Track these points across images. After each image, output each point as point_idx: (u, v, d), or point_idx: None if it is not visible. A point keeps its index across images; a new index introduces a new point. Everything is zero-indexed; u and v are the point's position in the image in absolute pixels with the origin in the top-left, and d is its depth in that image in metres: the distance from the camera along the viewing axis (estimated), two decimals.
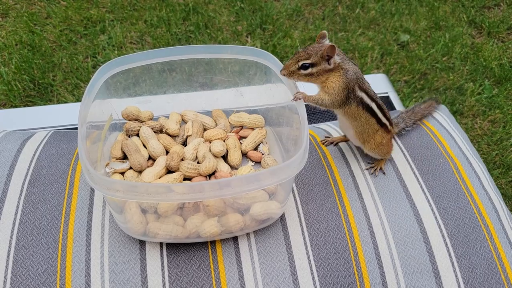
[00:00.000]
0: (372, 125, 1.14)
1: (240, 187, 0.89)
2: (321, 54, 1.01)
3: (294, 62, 1.03)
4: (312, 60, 1.02)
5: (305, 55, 1.02)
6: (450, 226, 1.10)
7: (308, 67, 1.03)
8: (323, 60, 1.02)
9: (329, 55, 1.01)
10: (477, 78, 3.05)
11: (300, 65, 1.03)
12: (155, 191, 0.88)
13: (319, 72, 1.03)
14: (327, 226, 1.09)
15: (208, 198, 0.90)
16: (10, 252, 1.01)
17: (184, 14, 3.37)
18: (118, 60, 1.14)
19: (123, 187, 0.88)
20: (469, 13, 3.55)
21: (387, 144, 1.19)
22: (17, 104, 2.69)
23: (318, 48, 1.02)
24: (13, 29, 3.16)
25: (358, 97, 1.08)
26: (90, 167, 0.89)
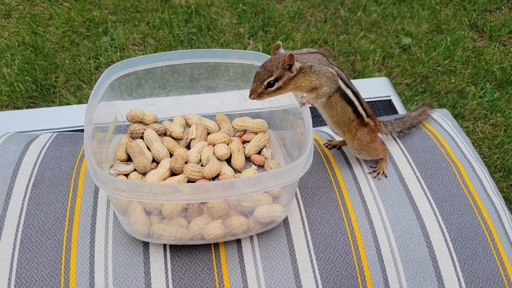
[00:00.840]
0: (348, 114, 1.13)
1: (244, 188, 0.90)
2: (282, 66, 1.01)
3: (259, 84, 1.03)
4: (275, 75, 1.02)
5: (267, 72, 1.02)
6: (453, 230, 1.10)
7: (274, 83, 1.03)
8: (285, 70, 1.02)
9: (290, 64, 1.01)
10: (478, 81, 3.05)
11: (266, 84, 1.03)
12: (160, 191, 0.88)
13: (285, 83, 1.03)
14: (330, 229, 1.09)
15: (213, 198, 0.90)
16: (15, 254, 1.02)
17: (186, 16, 3.38)
18: (124, 63, 1.15)
19: (128, 186, 0.88)
20: (470, 17, 3.55)
21: (364, 137, 1.17)
22: (19, 105, 2.70)
23: (276, 61, 1.02)
24: (16, 30, 3.17)
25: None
26: (97, 167, 0.89)
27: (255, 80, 1.03)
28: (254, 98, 1.05)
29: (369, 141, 1.18)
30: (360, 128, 1.16)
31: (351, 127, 1.15)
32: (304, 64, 1.04)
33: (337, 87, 1.08)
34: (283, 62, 1.00)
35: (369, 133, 1.18)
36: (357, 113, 1.14)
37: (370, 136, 1.18)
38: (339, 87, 1.09)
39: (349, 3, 3.62)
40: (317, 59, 1.06)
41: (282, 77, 1.02)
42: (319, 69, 1.05)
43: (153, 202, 0.97)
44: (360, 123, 1.16)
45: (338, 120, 1.14)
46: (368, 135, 1.18)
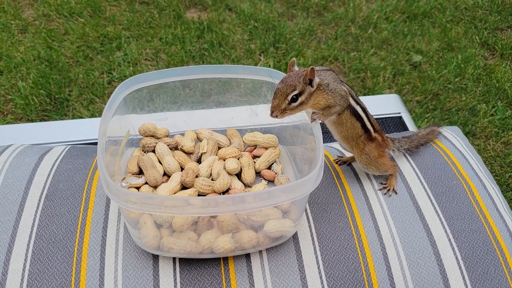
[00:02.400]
0: (356, 130, 1.14)
1: (254, 203, 0.90)
2: (304, 80, 1.00)
3: (283, 99, 1.01)
4: (298, 89, 1.01)
5: (290, 87, 1.00)
6: (464, 248, 1.09)
7: (297, 98, 1.02)
8: (306, 84, 1.01)
9: (311, 78, 1.01)
10: (490, 99, 3.04)
11: (290, 99, 1.01)
12: (171, 204, 0.89)
13: (307, 98, 1.03)
14: (340, 246, 1.09)
15: (224, 212, 0.91)
16: (26, 265, 1.03)
17: (198, 32, 3.43)
18: (137, 77, 1.17)
19: (140, 199, 0.89)
20: (481, 35, 3.56)
21: (371, 152, 1.17)
22: (33, 118, 2.74)
23: (298, 76, 1.01)
24: (32, 45, 3.23)
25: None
26: (109, 179, 0.90)
27: (277, 96, 1.01)
28: (277, 115, 1.02)
29: (377, 156, 1.18)
30: (367, 143, 1.17)
31: (359, 141, 1.16)
32: (322, 81, 1.04)
33: (348, 105, 1.09)
34: (305, 76, 1.00)
35: (377, 148, 1.18)
36: (365, 128, 1.15)
37: (378, 151, 1.19)
38: (349, 105, 1.10)
39: (359, 20, 3.65)
40: (331, 77, 1.07)
41: (304, 92, 1.01)
42: (334, 87, 1.06)
43: (164, 215, 0.98)
44: (368, 137, 1.16)
45: (346, 135, 1.15)
46: (375, 149, 1.18)
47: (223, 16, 3.62)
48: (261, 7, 3.73)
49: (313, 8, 3.78)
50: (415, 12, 3.75)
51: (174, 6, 3.66)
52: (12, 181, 1.18)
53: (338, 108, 1.08)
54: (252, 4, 3.76)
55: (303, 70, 1.02)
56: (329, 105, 1.06)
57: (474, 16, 3.79)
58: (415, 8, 3.78)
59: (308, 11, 3.76)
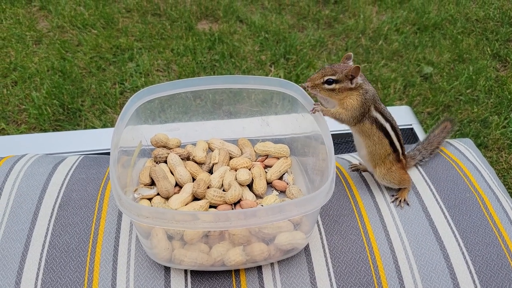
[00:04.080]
0: (384, 147, 1.15)
1: (266, 217, 0.90)
2: (346, 73, 1.06)
3: (320, 76, 1.08)
4: (337, 76, 1.07)
5: (331, 71, 1.07)
6: (478, 262, 1.08)
7: (332, 82, 1.07)
8: (347, 79, 1.07)
9: (353, 75, 1.06)
10: (502, 111, 3.02)
11: (325, 80, 1.07)
12: (182, 218, 0.89)
13: (340, 89, 1.08)
14: (351, 258, 1.08)
15: (234, 227, 0.91)
16: (39, 274, 1.03)
17: (209, 44, 3.46)
18: (150, 88, 1.18)
19: (151, 213, 0.90)
20: (493, 47, 3.54)
21: (397, 171, 1.19)
22: (46, 128, 2.77)
23: (343, 67, 1.07)
24: (46, 56, 3.29)
25: (373, 117, 1.11)
26: (121, 193, 0.91)
27: (319, 72, 1.08)
28: (309, 86, 1.10)
29: (401, 174, 1.20)
30: (395, 164, 1.18)
31: (387, 161, 1.17)
32: (363, 84, 1.08)
33: (372, 118, 1.11)
34: (349, 70, 1.05)
35: (402, 168, 1.21)
36: (394, 147, 1.16)
37: (403, 171, 1.21)
38: (375, 119, 1.11)
39: (370, 32, 3.66)
40: (372, 91, 1.10)
41: (341, 82, 1.07)
42: (366, 97, 1.09)
43: (177, 228, 0.98)
44: (396, 158, 1.18)
45: (373, 151, 1.16)
46: (401, 170, 1.20)
47: (234, 27, 3.65)
48: (272, 19, 3.75)
49: (323, 19, 3.80)
50: (426, 24, 3.75)
51: (186, 18, 3.70)
52: (27, 190, 1.20)
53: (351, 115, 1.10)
54: (263, 16, 3.78)
55: (352, 65, 1.07)
56: (349, 108, 1.09)
57: (485, 28, 3.78)
58: (426, 20, 3.78)
59: (319, 22, 3.78)
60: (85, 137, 1.92)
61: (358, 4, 3.95)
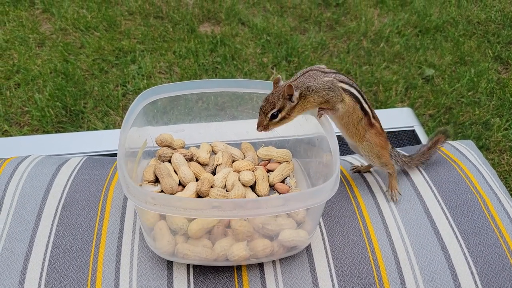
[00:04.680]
0: (357, 112, 1.14)
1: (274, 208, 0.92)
2: (283, 96, 1.07)
3: (264, 116, 1.09)
4: (278, 106, 1.07)
5: (270, 105, 1.08)
6: (480, 263, 1.08)
7: (277, 114, 1.08)
8: (286, 100, 1.07)
9: (289, 94, 1.06)
10: (503, 113, 3.02)
11: (270, 116, 1.08)
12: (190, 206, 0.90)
13: (288, 112, 1.09)
14: (353, 259, 1.08)
15: (250, 215, 0.93)
16: (43, 274, 1.04)
17: (211, 46, 3.47)
18: (156, 89, 1.19)
19: (158, 200, 0.91)
20: (494, 49, 3.55)
21: (371, 138, 1.18)
22: (49, 130, 2.79)
23: (277, 94, 1.07)
24: (49, 58, 3.30)
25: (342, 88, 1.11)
26: (129, 180, 0.92)
27: (260, 113, 1.09)
28: (261, 130, 1.11)
29: (377, 143, 1.19)
30: (368, 129, 1.17)
31: (359, 127, 1.16)
32: (301, 89, 1.08)
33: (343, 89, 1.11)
34: (283, 93, 1.06)
35: (377, 135, 1.19)
36: (364, 110, 1.15)
37: (379, 138, 1.19)
38: (344, 89, 1.11)
39: (371, 34, 3.67)
40: (311, 77, 1.09)
41: (285, 107, 1.08)
42: (316, 86, 1.08)
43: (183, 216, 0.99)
44: (368, 122, 1.17)
45: (347, 122, 1.15)
46: (376, 137, 1.18)
47: (236, 30, 3.66)
48: (274, 21, 3.77)
49: (325, 22, 3.82)
50: (427, 26, 3.76)
51: (188, 21, 3.72)
52: (30, 191, 1.20)
53: (333, 98, 1.10)
54: (265, 19, 3.80)
55: (283, 86, 1.07)
56: (320, 102, 1.10)
57: (487, 30, 3.78)
58: (427, 22, 3.79)
59: (320, 25, 3.79)
60: (87, 139, 1.93)
61: (359, 6, 3.96)
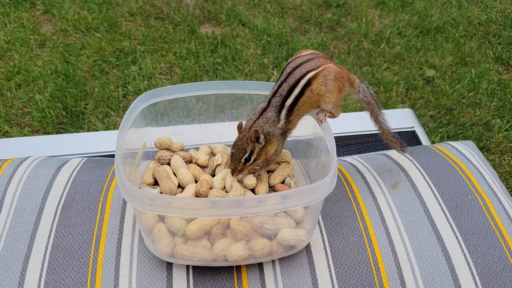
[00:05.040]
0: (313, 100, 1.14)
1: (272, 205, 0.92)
2: (251, 140, 1.10)
3: (238, 162, 1.12)
4: (249, 150, 1.11)
5: (241, 151, 1.11)
6: (480, 264, 1.08)
7: (250, 157, 1.12)
8: (254, 143, 1.11)
9: (256, 137, 1.10)
10: (504, 114, 3.02)
11: (244, 161, 1.12)
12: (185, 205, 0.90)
13: (258, 153, 1.12)
14: (353, 259, 1.08)
15: (248, 213, 0.93)
16: (42, 275, 1.04)
17: (212, 47, 3.47)
18: (155, 91, 1.20)
19: (155, 200, 0.91)
20: (495, 50, 3.55)
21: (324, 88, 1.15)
22: (49, 130, 2.79)
23: (245, 139, 1.11)
24: (49, 59, 3.31)
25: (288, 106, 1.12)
26: (126, 181, 0.92)
27: (233, 160, 1.13)
28: (238, 175, 1.14)
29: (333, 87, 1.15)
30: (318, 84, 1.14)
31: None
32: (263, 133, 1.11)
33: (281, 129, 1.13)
34: (251, 137, 1.09)
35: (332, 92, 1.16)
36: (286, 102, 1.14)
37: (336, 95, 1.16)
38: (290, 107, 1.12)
39: (372, 35, 3.67)
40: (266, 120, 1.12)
41: (255, 150, 1.12)
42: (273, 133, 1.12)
43: (181, 216, 1.00)
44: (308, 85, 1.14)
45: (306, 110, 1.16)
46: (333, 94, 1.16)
47: (236, 31, 3.66)
48: (274, 22, 3.77)
49: (326, 23, 3.82)
50: (428, 27, 3.76)
51: (189, 22, 3.72)
52: (30, 192, 1.20)
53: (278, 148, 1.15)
54: (265, 20, 3.80)
55: (248, 130, 1.11)
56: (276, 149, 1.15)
57: (487, 31, 3.78)
58: (428, 23, 3.79)
59: (321, 26, 3.79)
60: (88, 140, 1.93)
61: (360, 7, 3.96)
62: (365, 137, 1.85)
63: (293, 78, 1.13)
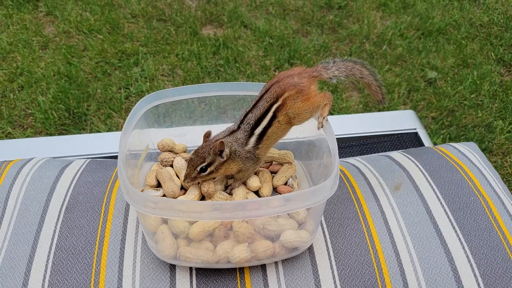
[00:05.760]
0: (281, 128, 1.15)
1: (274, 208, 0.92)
2: (214, 152, 1.07)
3: (193, 169, 1.08)
4: (207, 161, 1.08)
5: (200, 159, 1.08)
6: (483, 265, 1.08)
7: (206, 168, 1.08)
8: (216, 156, 1.08)
9: (220, 150, 1.07)
10: (506, 116, 3.02)
11: (199, 170, 1.08)
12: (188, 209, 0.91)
13: (217, 167, 1.09)
14: (356, 260, 1.08)
15: (250, 216, 0.93)
16: (46, 276, 1.04)
17: (214, 49, 3.48)
18: (158, 93, 1.20)
19: (158, 203, 0.91)
20: (497, 51, 3.55)
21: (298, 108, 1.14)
22: (52, 132, 2.80)
23: (208, 148, 1.08)
24: (52, 61, 3.31)
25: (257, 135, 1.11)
26: (129, 184, 0.93)
27: (189, 165, 1.09)
28: (188, 182, 1.10)
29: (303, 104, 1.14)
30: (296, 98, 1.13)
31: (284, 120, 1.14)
32: (230, 149, 1.09)
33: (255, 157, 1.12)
34: (215, 148, 1.06)
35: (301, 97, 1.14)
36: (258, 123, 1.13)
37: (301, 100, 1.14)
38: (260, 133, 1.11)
39: (374, 37, 3.67)
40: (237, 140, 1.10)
41: (214, 162, 1.08)
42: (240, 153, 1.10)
43: (181, 221, 1.00)
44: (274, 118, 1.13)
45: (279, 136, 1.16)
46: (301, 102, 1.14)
47: (238, 33, 3.67)
48: (276, 24, 3.78)
49: (327, 25, 3.82)
50: (430, 29, 3.76)
51: (191, 23, 3.73)
52: (34, 193, 1.21)
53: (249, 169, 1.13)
54: (267, 21, 3.81)
55: (214, 141, 1.08)
56: (240, 169, 1.12)
57: (489, 33, 3.78)
58: (430, 25, 3.79)
59: (323, 28, 3.79)
60: (91, 141, 1.93)
61: (362, 9, 3.97)
62: (368, 139, 1.85)
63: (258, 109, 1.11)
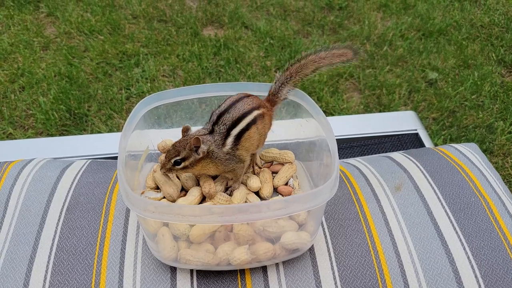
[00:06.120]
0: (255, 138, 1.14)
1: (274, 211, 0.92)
2: (189, 147, 1.06)
3: (168, 160, 1.08)
4: (182, 155, 1.07)
5: (175, 152, 1.07)
6: (484, 266, 1.08)
7: (181, 162, 1.08)
8: (192, 151, 1.07)
9: (196, 146, 1.06)
10: (507, 116, 3.02)
11: (173, 162, 1.08)
12: (188, 213, 0.91)
13: (192, 163, 1.08)
14: (356, 261, 1.08)
15: (250, 220, 0.92)
16: (47, 276, 1.04)
17: (215, 49, 3.48)
18: (158, 94, 1.20)
19: (157, 208, 0.91)
20: (498, 52, 3.55)
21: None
22: (53, 132, 2.80)
23: (184, 143, 1.07)
24: (53, 61, 3.32)
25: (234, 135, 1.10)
26: (128, 189, 0.92)
27: (166, 156, 1.09)
28: (165, 172, 1.10)
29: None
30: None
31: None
32: (208, 148, 1.08)
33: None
34: (190, 144, 1.05)
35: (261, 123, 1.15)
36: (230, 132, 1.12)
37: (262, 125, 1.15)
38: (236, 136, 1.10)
39: (375, 38, 3.67)
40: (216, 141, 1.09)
41: (189, 158, 1.07)
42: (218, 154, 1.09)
43: (182, 223, 1.00)
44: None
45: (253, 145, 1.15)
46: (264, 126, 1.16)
47: (239, 33, 3.67)
48: (277, 25, 3.78)
49: (328, 25, 3.82)
50: (431, 30, 3.76)
51: (192, 24, 3.73)
52: (35, 194, 1.21)
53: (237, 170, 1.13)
54: (268, 22, 3.81)
55: (192, 136, 1.07)
56: (224, 171, 1.12)
57: (490, 34, 3.78)
58: (431, 26, 3.79)
59: (324, 28, 3.80)
60: (91, 142, 1.94)
61: (363, 10, 3.97)
62: (368, 139, 1.85)
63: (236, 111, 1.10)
